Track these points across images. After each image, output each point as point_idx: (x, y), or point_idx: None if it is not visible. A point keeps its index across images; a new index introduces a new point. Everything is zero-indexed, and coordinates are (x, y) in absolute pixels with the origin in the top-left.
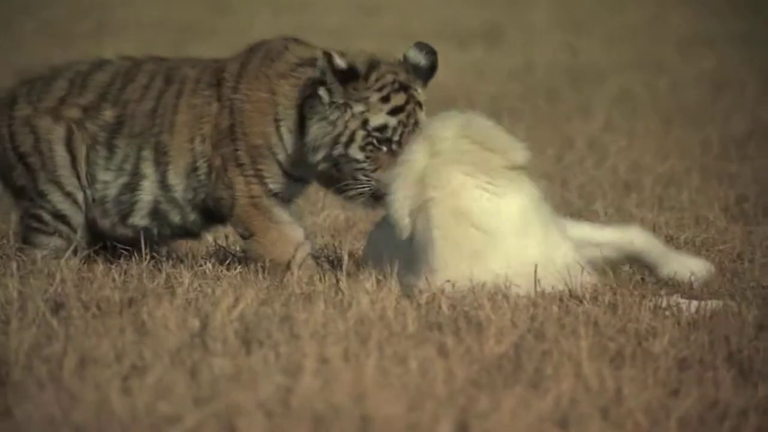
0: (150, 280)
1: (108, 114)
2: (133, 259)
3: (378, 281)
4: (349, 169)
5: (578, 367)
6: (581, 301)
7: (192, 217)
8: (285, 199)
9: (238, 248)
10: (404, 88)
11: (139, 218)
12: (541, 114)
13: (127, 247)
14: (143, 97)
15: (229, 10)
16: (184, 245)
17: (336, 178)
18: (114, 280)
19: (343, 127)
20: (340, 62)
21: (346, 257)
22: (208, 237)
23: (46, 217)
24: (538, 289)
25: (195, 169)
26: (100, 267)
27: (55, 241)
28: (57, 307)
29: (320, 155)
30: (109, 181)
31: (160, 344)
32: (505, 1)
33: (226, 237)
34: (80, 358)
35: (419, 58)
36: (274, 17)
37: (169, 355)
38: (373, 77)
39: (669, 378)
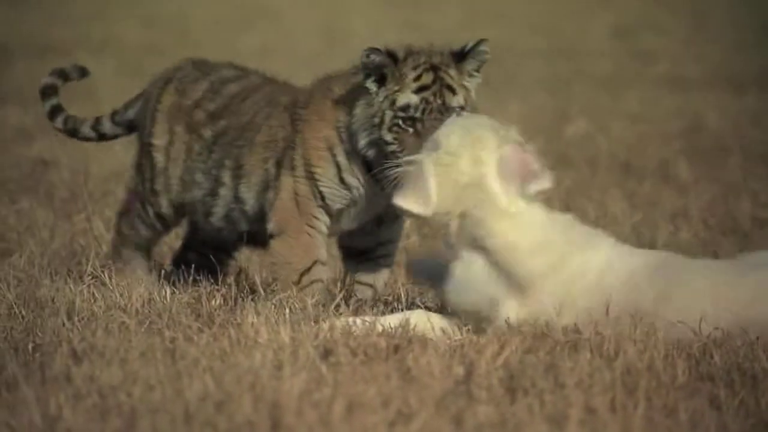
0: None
1: (222, 123)
2: (397, 305)
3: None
4: (386, 154)
5: None
6: None
7: (259, 227)
8: (332, 208)
9: None
10: (434, 68)
11: (216, 219)
12: None
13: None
14: (245, 112)
15: (496, 61)
16: None
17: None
18: (381, 326)
19: (378, 108)
20: (379, 50)
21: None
22: None
23: (151, 212)
24: None
25: (266, 188)
26: (366, 314)
27: (147, 233)
28: (326, 354)
29: (363, 140)
30: (201, 183)
31: (426, 391)
32: None
33: None
34: (348, 404)
35: (467, 46)
36: (545, 64)
37: (434, 402)
38: (409, 61)
39: None
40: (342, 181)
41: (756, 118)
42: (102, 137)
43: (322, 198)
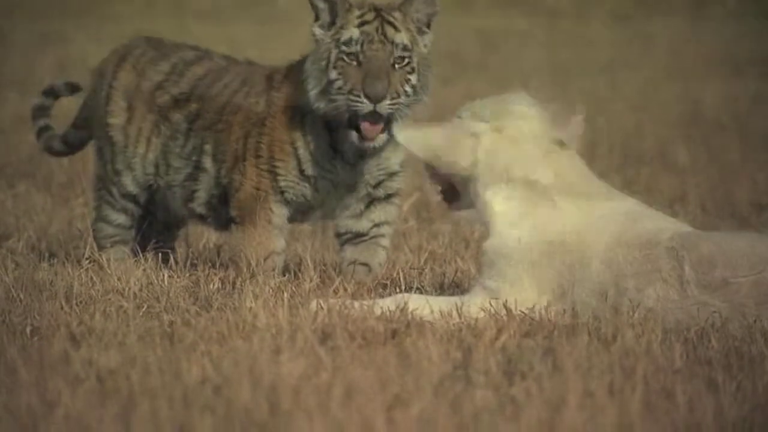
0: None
1: (193, 107)
2: (396, 289)
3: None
4: (333, 95)
5: None
6: None
7: None
8: (291, 201)
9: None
10: (377, 9)
11: (197, 205)
12: None
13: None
14: (220, 94)
15: (495, 47)
16: (452, 275)
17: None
18: (379, 309)
19: (325, 49)
20: None
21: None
22: (471, 267)
23: (116, 194)
24: None
25: (235, 165)
26: (364, 298)
27: (121, 218)
28: (324, 338)
29: (313, 91)
30: (180, 168)
31: (424, 375)
32: None
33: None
34: (346, 388)
35: None
36: (546, 53)
37: (432, 386)
38: (355, 7)
39: None
40: (302, 173)
41: (755, 104)
42: (71, 147)
43: (282, 193)
